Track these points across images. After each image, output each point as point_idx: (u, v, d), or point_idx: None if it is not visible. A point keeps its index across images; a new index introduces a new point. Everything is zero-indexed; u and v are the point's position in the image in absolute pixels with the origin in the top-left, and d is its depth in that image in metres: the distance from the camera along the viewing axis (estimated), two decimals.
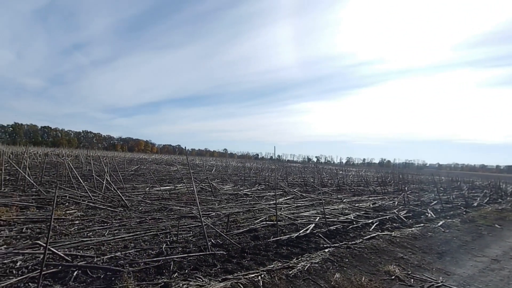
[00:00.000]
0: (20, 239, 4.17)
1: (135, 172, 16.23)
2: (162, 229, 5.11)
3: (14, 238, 4.18)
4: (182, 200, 8.09)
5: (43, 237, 4.27)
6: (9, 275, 3.01)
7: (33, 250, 3.61)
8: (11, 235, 4.29)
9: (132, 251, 3.92)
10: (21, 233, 4.40)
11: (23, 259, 3.39)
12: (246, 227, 5.67)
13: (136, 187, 10.17)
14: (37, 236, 4.32)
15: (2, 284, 2.75)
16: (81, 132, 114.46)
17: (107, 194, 7.98)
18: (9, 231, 4.47)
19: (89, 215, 5.78)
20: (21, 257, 3.45)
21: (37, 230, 4.61)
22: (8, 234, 4.30)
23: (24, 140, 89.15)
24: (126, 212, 6.27)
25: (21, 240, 4.13)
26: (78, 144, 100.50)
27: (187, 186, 10.05)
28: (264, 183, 14.16)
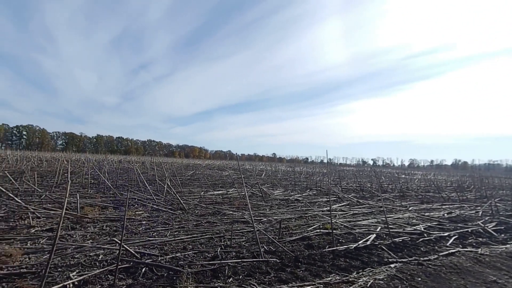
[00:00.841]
0: (101, 235, 4.82)
1: (191, 177, 17.45)
2: (217, 232, 5.30)
3: (97, 234, 4.85)
4: (234, 205, 8.31)
5: (118, 234, 4.85)
6: (93, 266, 3.47)
7: (111, 246, 4.12)
8: (95, 231, 5.00)
9: (190, 253, 4.14)
10: (102, 230, 5.09)
11: (103, 253, 3.89)
12: (298, 234, 5.48)
13: (192, 191, 10.88)
14: (113, 233, 4.93)
15: (89, 274, 3.18)
16: (146, 141, 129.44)
17: (168, 198, 8.71)
18: (93, 227, 5.22)
19: (153, 217, 6.37)
20: (102, 251, 3.96)
21: (114, 228, 5.26)
22: (92, 230, 5.01)
23: (103, 149, 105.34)
24: (184, 215, 6.73)
25: (102, 236, 4.77)
26: (144, 152, 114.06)
27: (239, 191, 10.31)
28: (315, 188, 13.63)
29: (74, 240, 4.45)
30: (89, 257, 3.74)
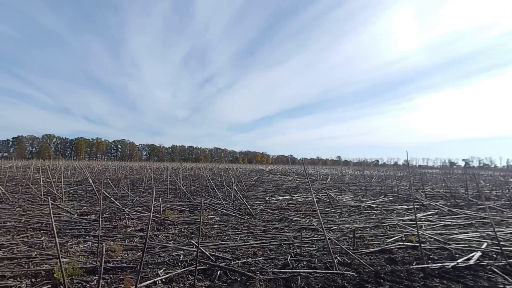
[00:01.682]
0: (181, 236, 5.30)
1: (255, 182, 17.90)
2: (285, 239, 5.19)
3: (177, 235, 5.36)
4: (301, 211, 8.07)
5: (195, 237, 5.24)
6: (176, 266, 3.81)
7: (189, 247, 4.47)
8: (175, 233, 5.54)
9: (260, 259, 4.14)
10: (181, 232, 5.60)
11: (183, 254, 4.24)
12: (376, 246, 4.90)
13: (258, 196, 11.09)
14: (190, 236, 5.36)
15: (173, 272, 3.49)
16: (213, 149, 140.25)
17: (235, 203, 9.09)
18: (174, 229, 5.80)
19: (223, 221, 6.70)
20: (182, 252, 4.33)
21: (190, 231, 5.73)
22: (173, 232, 5.57)
23: (178, 158, 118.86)
24: (252, 220, 6.86)
25: (181, 237, 5.24)
26: (211, 159, 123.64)
27: (304, 196, 10.01)
28: (391, 194, 12.16)
29: (159, 240, 5.01)
30: (172, 256, 4.13)
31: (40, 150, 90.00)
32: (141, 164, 47.82)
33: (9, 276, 3.34)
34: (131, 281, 3.17)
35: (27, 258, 3.94)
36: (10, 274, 3.39)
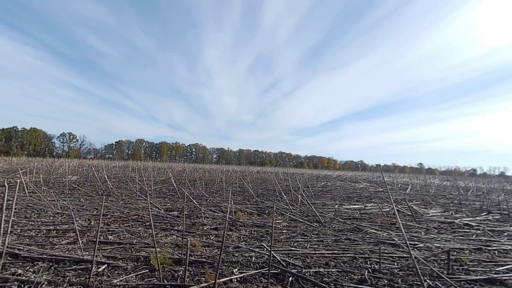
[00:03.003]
0: (251, 238, 5.49)
1: (322, 188, 17.18)
2: (360, 252, 4.77)
3: (248, 237, 5.57)
4: (376, 223, 7.31)
5: (264, 240, 5.35)
6: (248, 266, 3.95)
7: (260, 250, 4.58)
8: (246, 234, 5.78)
9: (333, 270, 3.90)
10: (251, 234, 5.80)
11: (255, 256, 4.37)
12: (480, 273, 4.01)
13: (326, 203, 10.59)
14: (260, 238, 5.50)
15: (247, 273, 3.63)
16: (277, 153, 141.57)
17: (302, 208, 8.89)
18: (245, 231, 6.05)
19: (291, 226, 6.62)
20: (254, 254, 4.47)
21: (260, 234, 5.87)
22: (244, 234, 5.82)
23: (244, 161, 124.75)
24: (321, 228, 6.58)
25: (251, 239, 5.42)
26: (276, 163, 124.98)
27: (380, 206, 9.04)
28: (497, 211, 9.81)
29: (232, 240, 5.30)
30: (244, 257, 4.30)
31: (134, 152, 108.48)
32: (212, 166, 52.16)
33: (119, 257, 4.08)
34: (211, 275, 3.43)
35: (130, 244, 4.74)
36: (119, 256, 4.13)
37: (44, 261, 3.78)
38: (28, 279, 3.14)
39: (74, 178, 15.73)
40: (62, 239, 4.84)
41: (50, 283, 3.13)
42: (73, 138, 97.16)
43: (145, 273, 3.58)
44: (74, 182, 13.87)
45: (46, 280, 3.16)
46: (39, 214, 6.76)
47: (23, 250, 4.05)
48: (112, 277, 3.42)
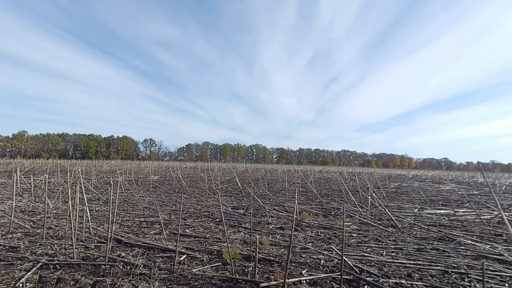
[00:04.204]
0: (318, 240, 5.29)
1: (396, 189, 15.36)
2: (453, 266, 4.04)
3: (314, 238, 5.39)
4: (473, 232, 6.09)
5: (333, 243, 5.08)
6: (317, 269, 3.81)
7: (329, 253, 4.36)
8: (312, 235, 5.60)
9: (419, 284, 3.40)
10: (318, 236, 5.60)
11: (323, 259, 4.18)
12: None
13: (402, 206, 9.42)
14: (328, 241, 5.24)
15: (316, 276, 3.50)
16: (340, 151, 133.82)
17: (374, 211, 8.12)
18: (311, 232, 5.88)
19: (362, 230, 6.11)
20: (322, 256, 4.29)
21: (327, 236, 5.61)
22: (310, 235, 5.65)
23: (305, 161, 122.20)
24: (398, 234, 5.86)
25: (318, 241, 5.22)
26: (339, 162, 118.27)
27: (478, 212, 7.52)
28: None
29: (298, 241, 5.21)
30: (312, 259, 4.16)
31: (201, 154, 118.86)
32: (273, 166, 52.86)
33: (195, 249, 4.48)
34: (280, 274, 3.43)
35: (204, 238, 5.16)
36: (195, 248, 4.54)
37: (139, 247, 4.46)
38: (129, 261, 3.75)
39: (156, 178, 18.17)
40: (150, 230, 5.63)
41: (144, 266, 3.66)
42: (153, 143, 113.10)
43: (218, 265, 3.84)
44: (156, 181, 16.02)
45: (142, 263, 3.71)
46: (132, 207, 8.04)
47: (124, 237, 4.86)
48: (191, 266, 3.77)
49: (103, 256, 3.87)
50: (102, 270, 3.51)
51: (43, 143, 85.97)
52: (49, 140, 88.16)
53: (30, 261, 3.75)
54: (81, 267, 3.59)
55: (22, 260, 3.78)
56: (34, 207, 7.57)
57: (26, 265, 3.61)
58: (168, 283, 3.23)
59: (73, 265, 3.63)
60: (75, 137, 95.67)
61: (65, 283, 3.13)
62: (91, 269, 3.55)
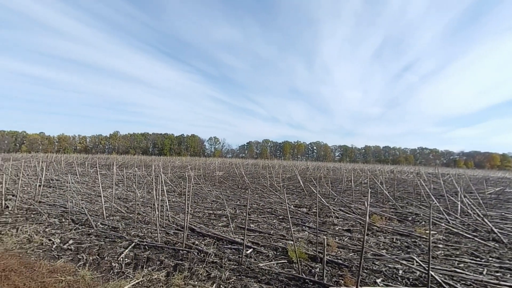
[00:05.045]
0: (393, 247, 4.73)
1: (498, 196, 12.56)
2: None
3: (389, 245, 4.84)
4: None
5: (411, 252, 4.46)
6: (394, 279, 3.39)
7: (408, 263, 3.84)
8: (385, 242, 5.05)
9: None
10: (393, 242, 5.00)
11: (402, 269, 3.71)
12: None
13: (507, 217, 7.63)
14: (406, 249, 4.63)
15: (394, 287, 3.13)
16: (416, 149, 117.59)
17: (465, 220, 6.82)
18: (384, 237, 5.31)
19: (451, 242, 5.18)
20: (400, 266, 3.80)
21: (405, 244, 4.96)
22: (383, 241, 5.10)
23: (371, 159, 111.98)
24: (504, 250, 4.75)
25: (394, 249, 4.66)
26: (415, 161, 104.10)
27: None
28: None
29: (369, 246, 4.77)
30: (388, 268, 3.73)
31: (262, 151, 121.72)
32: (335, 164, 50.20)
33: (260, 244, 4.58)
34: (351, 280, 3.19)
35: (268, 234, 5.24)
36: (260, 243, 4.64)
37: (209, 237, 4.82)
38: (202, 249, 4.09)
39: (220, 174, 19.46)
40: (218, 222, 6.03)
41: (216, 255, 3.93)
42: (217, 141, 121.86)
43: (284, 263, 3.82)
44: (221, 177, 17.15)
45: (213, 252, 4.00)
46: (202, 200, 8.78)
47: (196, 227, 5.34)
48: (258, 260, 3.86)
49: (181, 242, 4.31)
50: (180, 254, 3.92)
51: (130, 141, 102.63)
52: (135, 139, 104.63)
53: (126, 240, 4.47)
54: (164, 249, 4.09)
55: (121, 238, 4.55)
56: (126, 195, 9.05)
57: (124, 243, 4.32)
58: (237, 274, 3.38)
59: (157, 247, 4.16)
60: (153, 136, 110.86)
61: (153, 262, 3.61)
62: (172, 252, 4.00)
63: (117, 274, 3.27)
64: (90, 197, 8.49)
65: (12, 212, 6.18)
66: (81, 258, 3.70)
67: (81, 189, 9.74)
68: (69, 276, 3.11)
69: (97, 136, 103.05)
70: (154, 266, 3.50)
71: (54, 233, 4.78)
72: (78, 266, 3.45)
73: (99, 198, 7.96)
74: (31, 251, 3.93)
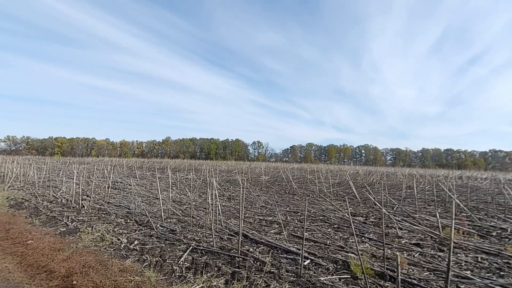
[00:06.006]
0: (480, 269, 3.96)
1: None
2: None
3: (474, 266, 4.07)
4: None
5: (506, 276, 3.66)
6: None
7: None
8: (468, 261, 4.26)
9: None
10: (478, 263, 4.20)
11: None
12: None
13: None
14: (498, 272, 3.83)
15: None
16: (488, 152, 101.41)
17: None
18: (465, 256, 4.51)
19: None
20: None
21: (494, 265, 4.13)
22: (465, 259, 4.32)
23: (430, 163, 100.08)
24: None
25: (481, 270, 3.90)
26: (486, 165, 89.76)
27: None
28: None
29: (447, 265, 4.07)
30: None
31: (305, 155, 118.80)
32: (388, 169, 46.08)
33: (318, 255, 4.27)
34: None
35: (324, 244, 4.89)
36: (317, 253, 4.34)
37: (263, 244, 4.70)
38: (258, 257, 3.97)
39: (266, 178, 19.41)
40: (270, 229, 5.89)
41: (272, 265, 3.77)
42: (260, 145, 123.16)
43: (347, 278, 3.46)
44: (267, 181, 17.08)
45: (269, 261, 3.85)
46: (250, 205, 8.77)
47: (249, 233, 5.27)
48: (317, 273, 3.58)
49: (236, 248, 4.27)
50: (236, 261, 3.87)
51: (180, 146, 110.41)
52: (184, 144, 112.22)
53: (184, 243, 4.62)
54: (220, 255, 4.10)
55: (179, 242, 4.72)
56: (180, 198, 9.56)
57: (182, 247, 4.46)
58: (297, 287, 3.16)
59: (213, 253, 4.19)
60: (200, 141, 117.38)
61: (211, 268, 3.62)
62: (228, 259, 3.98)
63: (178, 278, 3.35)
64: (149, 199, 9.18)
65: (87, 211, 6.99)
66: (145, 259, 3.91)
67: (141, 192, 10.62)
68: (137, 276, 3.28)
69: (152, 142, 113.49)
70: (212, 272, 3.50)
71: (121, 232, 5.21)
72: (144, 267, 3.64)
73: (157, 201, 8.55)
74: (104, 249, 4.31)
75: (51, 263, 3.57)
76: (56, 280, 3.19)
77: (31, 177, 13.25)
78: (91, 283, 3.04)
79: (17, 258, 3.86)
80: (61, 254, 3.94)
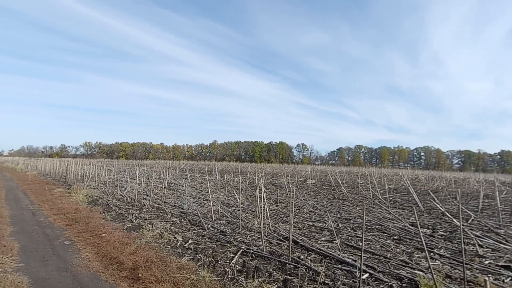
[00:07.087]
0: None
1: None
2: None
3: None
4: None
5: None
6: None
7: None
8: None
9: None
10: None
11: None
12: None
13: None
14: None
15: None
16: None
17: None
18: None
19: None
20: None
21: None
22: None
23: None
24: None
25: None
26: None
27: None
28: None
29: None
30: None
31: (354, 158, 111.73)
32: (455, 174, 40.22)
33: (378, 270, 3.86)
34: None
35: (384, 257, 4.41)
36: (377, 267, 3.92)
37: (314, 252, 4.46)
38: (311, 266, 3.77)
39: (313, 182, 18.77)
40: (321, 236, 5.59)
41: (326, 275, 3.54)
42: (305, 148, 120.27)
43: None
44: (314, 185, 16.49)
45: (323, 271, 3.62)
46: (298, 209, 8.52)
47: (299, 239, 5.08)
48: None
49: (286, 254, 4.14)
50: (287, 268, 3.73)
51: (225, 149, 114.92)
52: (229, 147, 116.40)
53: (234, 245, 4.67)
54: (270, 260, 4.01)
55: (230, 243, 4.79)
56: (228, 200, 9.82)
57: (232, 249, 4.52)
58: None
59: (263, 257, 4.13)
60: (245, 144, 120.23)
61: (261, 273, 3.56)
62: (278, 265, 3.87)
63: (231, 280, 3.37)
64: (199, 200, 9.66)
65: (147, 209, 7.66)
66: (199, 259, 4.06)
67: (192, 193, 11.26)
68: (192, 275, 3.40)
69: (200, 145, 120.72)
70: (263, 277, 3.44)
71: (177, 231, 5.54)
72: (198, 266, 3.77)
73: (207, 202, 8.93)
74: (163, 246, 4.62)
75: (121, 256, 3.96)
76: (125, 271, 3.51)
77: (103, 177, 15.23)
78: (153, 277, 3.26)
79: (95, 248, 4.40)
80: (128, 248, 4.35)
